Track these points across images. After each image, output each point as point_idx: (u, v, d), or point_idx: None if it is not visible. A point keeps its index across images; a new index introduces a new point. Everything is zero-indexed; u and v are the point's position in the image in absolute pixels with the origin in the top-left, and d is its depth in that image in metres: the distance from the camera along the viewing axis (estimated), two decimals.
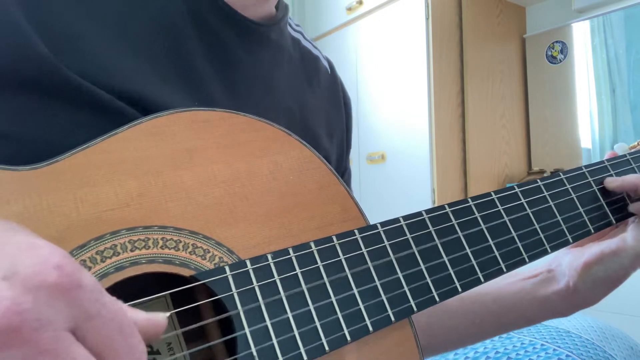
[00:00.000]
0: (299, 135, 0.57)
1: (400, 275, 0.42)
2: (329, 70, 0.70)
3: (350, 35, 2.48)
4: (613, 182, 0.59)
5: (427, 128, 2.06)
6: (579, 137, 2.22)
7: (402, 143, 2.18)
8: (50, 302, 0.23)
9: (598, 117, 2.16)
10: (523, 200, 0.52)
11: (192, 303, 0.37)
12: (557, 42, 2.27)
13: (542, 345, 0.76)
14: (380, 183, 2.28)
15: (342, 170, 0.70)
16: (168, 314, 0.29)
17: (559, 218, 0.54)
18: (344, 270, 0.40)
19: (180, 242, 0.36)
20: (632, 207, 0.59)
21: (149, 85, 0.43)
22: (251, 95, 0.54)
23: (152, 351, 0.38)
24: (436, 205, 1.99)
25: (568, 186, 0.57)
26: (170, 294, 0.36)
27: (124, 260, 0.34)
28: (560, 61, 2.26)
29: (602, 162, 0.62)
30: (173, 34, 0.47)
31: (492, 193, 0.51)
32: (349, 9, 2.45)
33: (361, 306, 0.40)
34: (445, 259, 0.45)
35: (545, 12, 2.38)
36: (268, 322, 0.36)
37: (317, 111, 0.63)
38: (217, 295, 0.35)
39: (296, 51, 0.64)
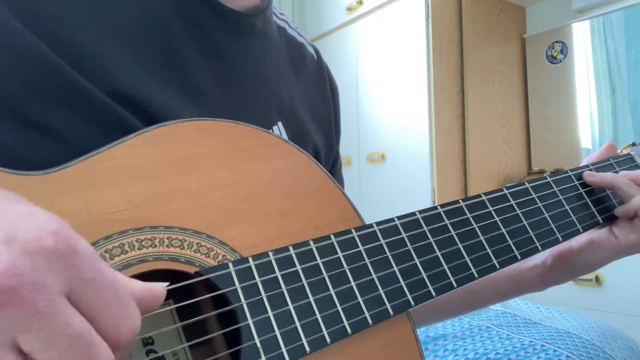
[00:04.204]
0: (289, 123, 0.58)
1: (396, 270, 0.44)
2: (315, 56, 0.70)
3: (350, 35, 2.48)
4: (591, 176, 0.62)
5: (427, 128, 2.06)
6: (579, 137, 2.23)
7: (402, 143, 2.18)
8: (47, 266, 0.24)
9: (598, 117, 2.16)
10: (512, 202, 0.54)
11: (196, 302, 0.38)
12: (557, 42, 2.27)
13: (542, 345, 0.76)
14: (380, 183, 2.28)
15: (334, 155, 0.70)
16: (166, 284, 0.30)
17: (548, 217, 0.56)
18: (342, 266, 0.42)
19: (185, 241, 0.38)
20: (617, 211, 0.61)
21: (140, 85, 0.44)
22: (243, 86, 0.54)
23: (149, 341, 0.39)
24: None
25: (555, 188, 0.59)
26: (175, 292, 0.37)
27: (132, 258, 0.35)
28: (560, 61, 2.26)
29: (587, 166, 0.64)
30: (161, 31, 0.47)
31: (482, 195, 0.53)
32: (349, 9, 2.45)
33: (360, 300, 0.42)
34: (439, 255, 0.47)
35: (545, 12, 2.38)
36: (270, 314, 0.37)
37: (304, 99, 0.64)
38: (220, 290, 0.37)
39: (282, 39, 0.64)
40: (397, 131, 2.21)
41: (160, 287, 0.29)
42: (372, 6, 2.33)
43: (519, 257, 0.51)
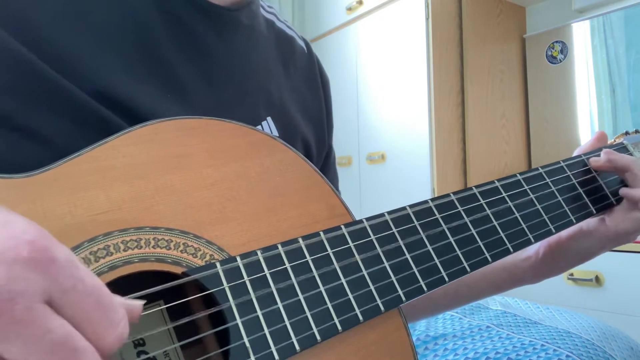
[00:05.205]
0: (279, 118, 0.57)
1: (387, 266, 0.44)
2: (305, 49, 0.69)
3: (350, 35, 2.48)
4: (608, 157, 0.61)
5: (427, 128, 2.06)
6: (579, 137, 2.22)
7: (402, 143, 2.18)
8: (24, 275, 0.23)
9: (598, 117, 2.16)
10: (504, 194, 0.53)
11: (187, 302, 0.38)
12: (557, 42, 2.27)
13: (542, 345, 0.76)
14: (380, 183, 2.28)
15: (327, 150, 0.69)
16: (143, 301, 0.29)
17: (540, 208, 0.55)
18: (332, 264, 0.42)
19: (172, 241, 0.37)
20: (623, 191, 0.60)
21: (123, 84, 0.43)
22: (229, 82, 0.53)
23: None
24: None
25: (548, 180, 0.58)
26: (165, 293, 0.36)
27: (117, 259, 0.35)
28: (560, 61, 2.26)
29: (579, 156, 0.64)
30: (141, 28, 0.47)
31: (473, 187, 0.52)
32: (349, 9, 2.45)
33: (350, 296, 0.41)
34: (431, 249, 0.46)
35: (545, 12, 2.38)
36: (259, 313, 0.37)
37: (294, 94, 0.63)
38: (208, 290, 0.36)
39: (270, 33, 0.63)
40: (397, 131, 2.21)
41: (138, 303, 0.29)
42: (372, 6, 2.33)
43: (512, 250, 0.51)
